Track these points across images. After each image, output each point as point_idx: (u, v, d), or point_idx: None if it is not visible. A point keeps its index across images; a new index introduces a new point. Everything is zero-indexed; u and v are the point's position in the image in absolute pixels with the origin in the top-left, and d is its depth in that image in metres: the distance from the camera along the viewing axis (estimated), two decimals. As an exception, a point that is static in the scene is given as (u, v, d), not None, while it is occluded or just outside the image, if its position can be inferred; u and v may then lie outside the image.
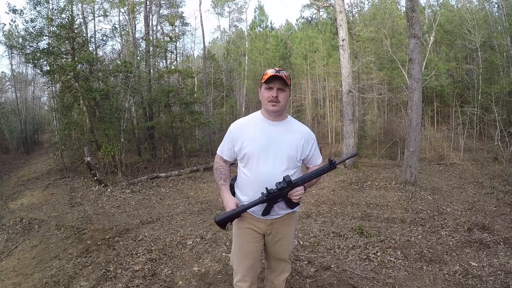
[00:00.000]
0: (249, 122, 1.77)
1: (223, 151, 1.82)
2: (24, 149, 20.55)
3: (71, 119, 10.63)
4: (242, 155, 1.72)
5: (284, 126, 1.74)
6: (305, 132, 1.79)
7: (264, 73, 1.68)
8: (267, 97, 1.66)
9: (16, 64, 24.92)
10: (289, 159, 1.70)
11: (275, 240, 1.81)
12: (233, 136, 1.76)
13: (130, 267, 3.09)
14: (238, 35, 27.68)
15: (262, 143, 1.67)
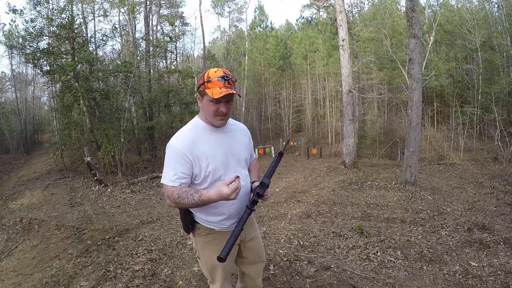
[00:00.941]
0: (197, 136, 1.47)
1: (176, 179, 1.42)
2: (24, 149, 20.55)
3: (71, 119, 10.64)
4: (205, 176, 1.47)
5: (229, 129, 1.57)
6: (245, 128, 1.70)
7: (209, 79, 1.41)
8: (214, 111, 1.43)
9: (16, 64, 24.94)
10: (245, 161, 1.64)
11: (247, 242, 1.72)
12: (188, 157, 1.42)
13: (130, 267, 3.09)
14: (238, 35, 27.68)
15: (223, 155, 1.50)
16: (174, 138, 1.47)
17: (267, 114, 22.22)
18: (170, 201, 1.44)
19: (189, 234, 1.68)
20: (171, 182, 1.41)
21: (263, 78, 21.34)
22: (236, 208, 1.56)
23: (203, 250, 1.65)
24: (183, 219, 1.60)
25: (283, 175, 9.69)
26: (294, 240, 3.71)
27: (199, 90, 1.46)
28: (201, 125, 1.52)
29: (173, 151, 1.43)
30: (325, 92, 19.16)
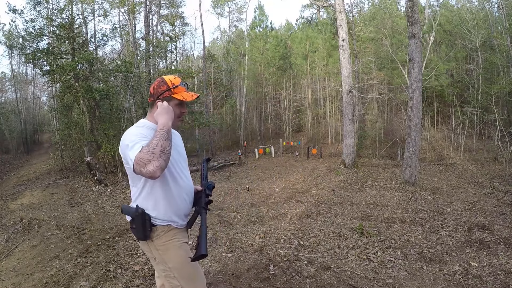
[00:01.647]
0: (151, 135, 1.42)
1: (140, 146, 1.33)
2: (24, 149, 20.55)
3: (71, 119, 10.65)
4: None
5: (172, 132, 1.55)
6: (179, 134, 1.74)
7: (175, 86, 1.50)
8: (179, 114, 1.54)
9: (16, 64, 24.96)
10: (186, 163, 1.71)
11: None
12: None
13: (130, 267, 3.09)
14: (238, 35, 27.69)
15: (175, 154, 1.54)
16: (127, 135, 1.42)
17: (267, 114, 22.21)
18: (154, 165, 1.24)
19: (146, 240, 1.53)
20: (137, 150, 1.29)
21: (263, 78, 21.34)
22: (189, 205, 1.63)
23: (168, 252, 1.55)
24: (141, 224, 1.48)
25: (283, 175, 9.69)
26: (294, 240, 3.71)
27: (164, 96, 1.51)
28: (151, 125, 1.52)
29: (138, 131, 1.43)
30: (325, 92, 19.16)
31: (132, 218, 1.48)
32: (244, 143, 17.94)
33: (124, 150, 1.38)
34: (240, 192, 7.28)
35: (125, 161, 1.43)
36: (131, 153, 1.31)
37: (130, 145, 1.34)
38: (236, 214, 5.02)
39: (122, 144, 1.40)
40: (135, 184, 1.52)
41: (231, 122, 21.99)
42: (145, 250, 1.62)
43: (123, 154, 1.41)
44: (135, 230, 1.51)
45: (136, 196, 1.52)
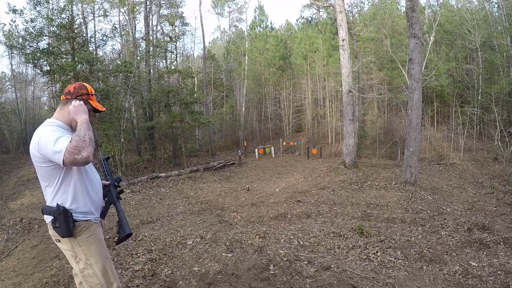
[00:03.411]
0: (65, 130, 1.61)
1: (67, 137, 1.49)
2: (24, 149, 20.54)
3: (71, 119, 10.62)
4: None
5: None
6: None
7: (92, 93, 1.70)
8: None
9: (16, 64, 24.96)
10: None
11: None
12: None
13: (130, 267, 3.09)
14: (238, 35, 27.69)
15: None
16: (45, 133, 1.49)
17: (267, 114, 22.22)
18: (87, 151, 1.41)
19: (70, 237, 1.58)
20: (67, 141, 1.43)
21: (263, 78, 21.34)
22: (101, 197, 1.76)
23: (91, 247, 1.63)
24: (65, 221, 1.54)
25: (283, 175, 9.70)
26: (294, 240, 3.71)
27: (83, 98, 1.65)
28: (64, 127, 1.63)
29: (56, 128, 1.54)
30: (325, 92, 19.16)
31: (54, 217, 1.54)
32: (244, 143, 17.94)
33: (45, 146, 1.45)
34: (240, 192, 7.28)
35: (43, 159, 1.49)
36: (58, 146, 1.41)
37: (52, 139, 1.44)
38: (236, 214, 5.02)
39: (42, 142, 1.46)
40: (50, 184, 1.56)
41: (231, 122, 21.99)
42: (65, 249, 1.64)
43: (44, 152, 1.46)
44: (59, 229, 1.55)
45: (53, 195, 1.57)
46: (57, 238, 1.61)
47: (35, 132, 1.55)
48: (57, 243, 1.64)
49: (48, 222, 1.61)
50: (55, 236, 1.60)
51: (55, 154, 1.42)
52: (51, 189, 1.57)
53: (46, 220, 1.61)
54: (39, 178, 1.60)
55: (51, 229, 1.61)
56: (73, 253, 1.63)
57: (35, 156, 1.52)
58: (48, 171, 1.53)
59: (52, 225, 1.56)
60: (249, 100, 22.52)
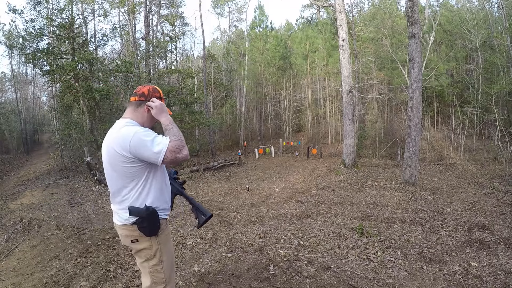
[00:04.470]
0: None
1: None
2: (24, 149, 20.56)
3: (71, 119, 10.65)
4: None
5: None
6: None
7: (163, 97, 1.73)
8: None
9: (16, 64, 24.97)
10: None
11: None
12: None
13: (130, 267, 3.09)
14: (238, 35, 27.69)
15: None
16: (139, 134, 1.51)
17: (267, 114, 22.23)
18: (186, 149, 1.53)
19: (155, 235, 1.59)
20: (166, 141, 1.51)
21: (263, 78, 21.34)
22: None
23: (167, 245, 1.68)
24: (154, 221, 1.56)
25: (283, 175, 9.70)
26: (294, 240, 3.71)
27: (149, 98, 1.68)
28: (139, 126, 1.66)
29: (138, 129, 1.54)
30: (325, 92, 19.16)
31: (142, 217, 1.53)
32: (244, 143, 17.94)
33: (141, 147, 1.47)
34: (240, 192, 7.28)
35: (133, 159, 1.49)
36: (157, 146, 1.47)
37: (149, 139, 1.48)
38: (236, 214, 5.02)
39: (136, 143, 1.47)
40: (134, 184, 1.55)
41: (231, 122, 21.99)
42: (141, 248, 1.62)
43: (139, 152, 1.48)
44: (146, 229, 1.55)
45: (137, 195, 1.56)
46: (135, 238, 1.59)
47: (114, 133, 1.55)
48: (133, 243, 1.61)
49: (123, 223, 1.59)
50: (134, 237, 1.58)
51: (155, 154, 1.46)
52: (135, 190, 1.56)
53: (123, 222, 1.59)
54: (115, 178, 1.56)
55: (127, 230, 1.59)
56: (150, 251, 1.62)
57: (121, 157, 1.49)
58: (134, 171, 1.52)
59: (138, 225, 1.55)
60: (249, 100, 22.52)
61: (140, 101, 1.64)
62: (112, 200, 1.68)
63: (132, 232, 1.58)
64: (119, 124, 1.58)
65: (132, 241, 1.60)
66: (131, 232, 1.58)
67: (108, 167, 1.58)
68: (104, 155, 1.59)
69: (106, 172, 1.62)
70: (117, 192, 1.60)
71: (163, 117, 1.61)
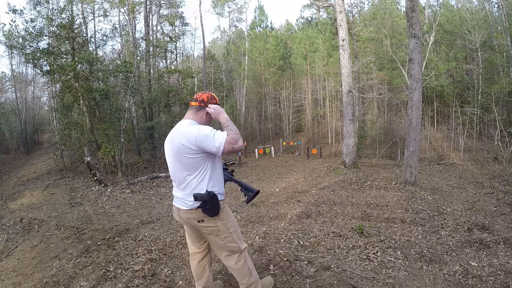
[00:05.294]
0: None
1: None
2: (24, 149, 20.56)
3: (71, 119, 10.64)
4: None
5: None
6: None
7: (218, 102, 2.03)
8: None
9: (16, 64, 24.95)
10: None
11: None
12: None
13: (130, 267, 3.09)
14: (238, 35, 27.70)
15: None
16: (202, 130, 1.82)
17: (267, 114, 22.23)
18: (241, 141, 1.83)
19: (217, 215, 1.90)
20: (224, 135, 1.80)
21: (263, 78, 21.35)
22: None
23: (230, 219, 1.99)
24: (215, 203, 1.86)
25: (283, 175, 9.70)
26: (294, 240, 3.71)
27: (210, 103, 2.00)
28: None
29: (205, 129, 1.83)
30: (325, 92, 19.16)
31: (205, 201, 1.84)
32: (244, 143, 17.91)
33: (205, 140, 1.78)
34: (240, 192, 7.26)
35: (197, 151, 1.81)
36: (218, 139, 1.77)
37: (210, 134, 1.78)
38: (236, 214, 5.02)
39: (201, 137, 1.78)
40: (197, 172, 1.86)
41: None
42: (208, 226, 1.92)
43: (203, 144, 1.78)
44: (209, 211, 1.86)
45: (198, 181, 1.87)
46: (201, 219, 1.89)
47: (181, 130, 1.86)
48: (199, 223, 1.91)
49: (189, 208, 1.89)
50: (199, 218, 1.89)
51: (216, 146, 1.77)
52: (197, 177, 1.86)
53: (189, 207, 1.89)
54: (181, 169, 1.87)
55: (192, 213, 1.89)
56: (216, 228, 1.93)
57: (187, 149, 1.81)
58: (197, 161, 1.83)
59: (202, 208, 1.85)
60: (249, 100, 22.51)
61: (200, 106, 1.96)
62: (177, 189, 1.97)
63: (197, 214, 1.89)
64: (184, 123, 1.90)
65: (198, 221, 1.91)
66: (196, 214, 1.89)
67: (174, 160, 1.90)
68: (170, 150, 1.92)
69: (171, 165, 1.94)
70: (182, 181, 1.90)
71: (221, 117, 1.92)
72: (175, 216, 2.08)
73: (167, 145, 1.95)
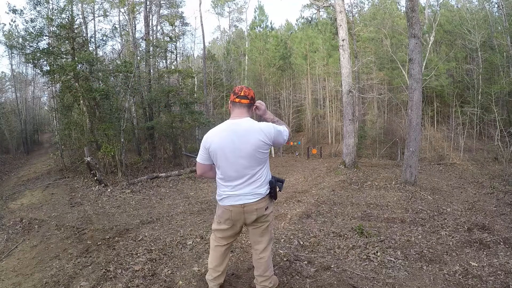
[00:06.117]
0: None
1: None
2: (24, 149, 20.56)
3: (71, 119, 10.63)
4: None
5: None
6: None
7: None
8: None
9: (16, 64, 24.96)
10: None
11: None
12: None
13: (130, 267, 3.08)
14: (238, 35, 27.69)
15: None
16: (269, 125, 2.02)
17: (267, 114, 22.17)
18: (290, 135, 2.14)
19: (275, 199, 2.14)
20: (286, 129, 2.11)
21: (263, 78, 21.34)
22: None
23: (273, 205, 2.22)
24: (275, 189, 2.09)
25: (283, 175, 9.70)
26: (294, 240, 3.71)
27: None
28: None
29: (267, 123, 2.05)
30: (325, 92, 19.17)
31: (273, 187, 2.06)
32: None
33: (279, 136, 1.99)
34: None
35: (269, 146, 1.98)
36: (285, 134, 2.03)
37: (280, 129, 2.01)
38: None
39: (275, 134, 1.97)
40: (261, 165, 2.01)
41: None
42: (269, 212, 2.12)
43: (278, 139, 1.98)
44: (274, 194, 2.08)
45: (266, 173, 2.05)
46: (267, 206, 2.07)
47: (253, 128, 1.94)
48: (266, 210, 2.07)
49: (259, 198, 2.02)
50: (266, 205, 2.07)
51: (284, 139, 2.03)
52: (265, 168, 2.05)
53: (259, 197, 2.02)
54: (250, 166, 1.97)
55: (263, 202, 2.04)
56: (273, 213, 2.19)
57: (265, 145, 1.94)
58: (267, 155, 2.03)
59: (270, 194, 2.06)
60: (249, 100, 22.46)
61: (251, 104, 2.05)
62: (242, 186, 2.00)
63: (266, 201, 2.06)
64: (248, 121, 1.98)
65: (265, 208, 2.06)
66: (265, 202, 2.05)
67: (247, 158, 1.94)
68: (239, 149, 1.93)
69: (240, 163, 1.95)
70: (251, 176, 1.99)
71: (267, 114, 2.15)
72: (231, 216, 2.06)
73: (232, 146, 1.94)
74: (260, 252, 2.20)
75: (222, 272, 2.32)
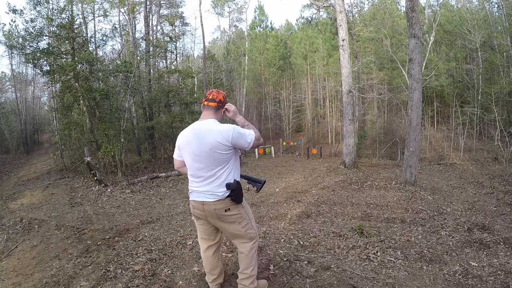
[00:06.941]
0: None
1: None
2: (24, 149, 20.56)
3: (71, 119, 10.63)
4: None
5: None
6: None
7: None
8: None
9: (16, 64, 24.95)
10: None
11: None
12: None
13: (130, 267, 3.08)
14: (238, 35, 27.69)
15: None
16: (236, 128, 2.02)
17: (267, 114, 22.23)
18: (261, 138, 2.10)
19: (241, 203, 2.08)
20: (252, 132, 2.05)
21: (263, 78, 21.34)
22: None
23: (248, 207, 2.20)
24: (240, 192, 2.04)
25: (283, 175, 9.70)
26: (294, 240, 3.71)
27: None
28: None
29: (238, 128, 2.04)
30: (325, 92, 19.17)
31: (234, 189, 2.00)
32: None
33: (239, 138, 1.98)
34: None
35: (229, 147, 1.98)
36: (249, 137, 2.00)
37: (243, 132, 2.00)
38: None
39: (235, 135, 1.97)
40: (225, 166, 2.01)
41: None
42: (233, 214, 2.06)
43: (237, 141, 1.98)
44: (236, 198, 2.02)
45: (227, 174, 2.03)
46: (228, 207, 2.03)
47: (212, 129, 1.98)
48: (226, 212, 2.04)
49: (217, 199, 2.01)
50: (226, 207, 2.02)
51: (247, 142, 1.99)
52: (226, 170, 2.02)
53: (217, 198, 2.01)
54: (210, 164, 1.99)
55: (221, 203, 2.01)
56: (239, 215, 2.09)
57: (222, 146, 1.95)
58: (228, 156, 2.00)
59: (232, 197, 2.01)
60: (249, 100, 22.51)
61: (219, 106, 2.09)
62: (202, 184, 2.05)
63: (225, 203, 2.02)
64: (210, 122, 2.03)
65: (225, 210, 2.03)
66: (224, 204, 2.02)
67: (204, 157, 1.98)
68: (198, 148, 1.98)
69: (198, 162, 2.01)
70: (211, 175, 2.01)
71: (238, 118, 2.15)
72: (194, 211, 2.14)
73: (192, 145, 2.01)
74: (239, 247, 2.23)
75: (220, 274, 2.37)
